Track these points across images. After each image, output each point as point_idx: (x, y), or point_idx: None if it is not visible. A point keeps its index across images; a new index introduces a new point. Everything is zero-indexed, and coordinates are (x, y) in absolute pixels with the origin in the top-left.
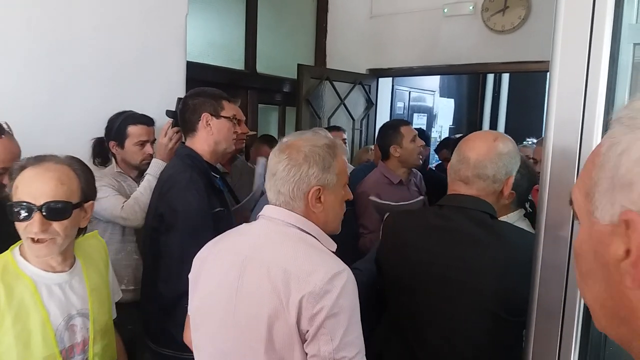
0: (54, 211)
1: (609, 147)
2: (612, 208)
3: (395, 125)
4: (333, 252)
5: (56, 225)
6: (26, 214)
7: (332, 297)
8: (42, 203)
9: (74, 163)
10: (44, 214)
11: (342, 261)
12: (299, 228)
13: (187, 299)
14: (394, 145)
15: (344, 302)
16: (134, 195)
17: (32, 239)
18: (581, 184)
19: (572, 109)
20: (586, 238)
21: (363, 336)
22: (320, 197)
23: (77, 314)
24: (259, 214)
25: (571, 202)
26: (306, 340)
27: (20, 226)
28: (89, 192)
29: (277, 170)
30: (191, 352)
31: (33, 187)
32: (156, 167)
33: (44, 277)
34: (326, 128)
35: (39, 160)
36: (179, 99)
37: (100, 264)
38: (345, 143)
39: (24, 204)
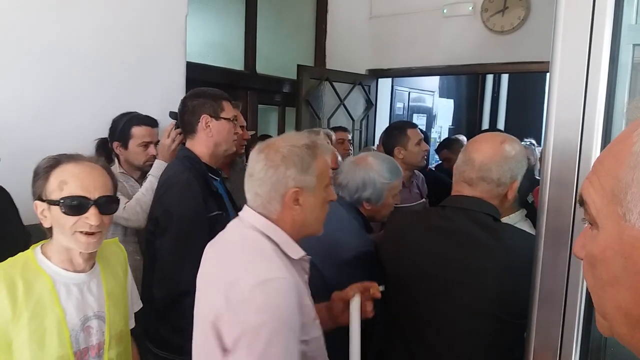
0: (106, 205)
1: None
2: None
3: (402, 126)
4: (296, 259)
5: (105, 219)
6: (81, 207)
7: (252, 308)
8: (97, 197)
9: (102, 162)
10: (99, 207)
11: (285, 270)
12: (261, 232)
13: (182, 302)
14: (399, 146)
15: (267, 313)
16: (136, 196)
17: (84, 233)
18: (599, 184)
19: (572, 110)
20: (612, 243)
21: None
22: (298, 199)
23: (94, 316)
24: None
25: (582, 204)
26: (227, 350)
27: (69, 220)
28: (115, 191)
29: (255, 171)
30: (187, 355)
31: (87, 182)
32: (158, 168)
33: (63, 276)
34: (331, 128)
35: (74, 157)
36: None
37: (118, 271)
38: (350, 144)
39: (80, 197)
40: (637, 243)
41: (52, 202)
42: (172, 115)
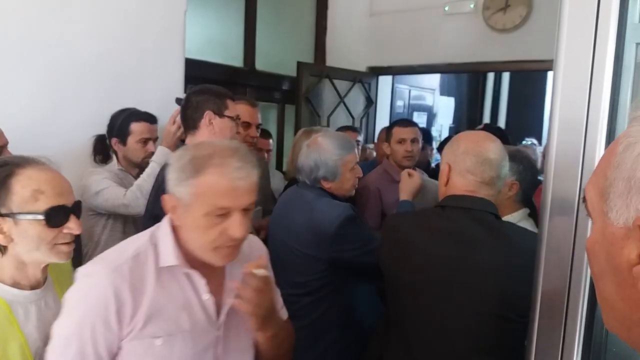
0: (80, 210)
1: (625, 147)
2: (627, 211)
3: (392, 124)
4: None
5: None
6: (63, 217)
7: (70, 290)
8: (72, 203)
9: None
10: (76, 214)
11: (114, 267)
12: (155, 230)
13: None
14: (386, 142)
15: (71, 299)
16: (136, 182)
17: (65, 243)
18: (595, 182)
19: (576, 109)
20: (599, 238)
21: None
22: (173, 207)
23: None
24: None
25: (584, 200)
26: None
27: (50, 233)
28: None
29: None
30: None
31: (59, 189)
32: (161, 154)
33: (19, 296)
34: (340, 128)
35: (28, 161)
36: (190, 87)
37: (65, 273)
38: (358, 144)
39: (61, 207)
40: (614, 239)
41: (26, 215)
42: (178, 101)
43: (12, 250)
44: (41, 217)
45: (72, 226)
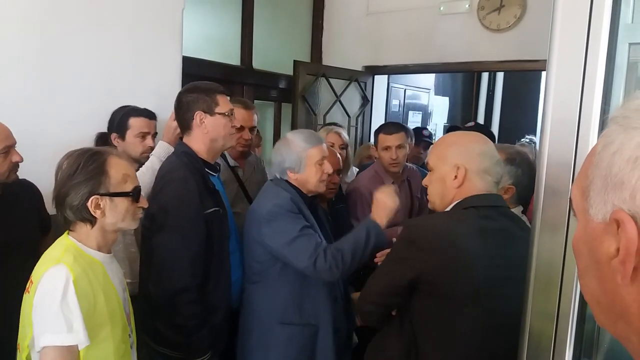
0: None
1: (603, 146)
2: (605, 206)
3: (378, 129)
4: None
5: None
6: (139, 195)
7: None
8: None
9: None
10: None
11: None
12: None
13: (178, 299)
14: (374, 146)
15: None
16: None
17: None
18: (579, 182)
19: (568, 108)
20: (582, 235)
21: None
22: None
23: (123, 288)
24: None
25: (570, 200)
26: None
27: (133, 207)
28: None
29: None
30: (184, 352)
31: (134, 173)
32: (162, 149)
33: (104, 258)
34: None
35: (107, 150)
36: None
37: None
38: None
39: (138, 187)
40: (594, 235)
41: (120, 195)
42: None
43: (100, 223)
44: (130, 195)
45: (144, 201)
